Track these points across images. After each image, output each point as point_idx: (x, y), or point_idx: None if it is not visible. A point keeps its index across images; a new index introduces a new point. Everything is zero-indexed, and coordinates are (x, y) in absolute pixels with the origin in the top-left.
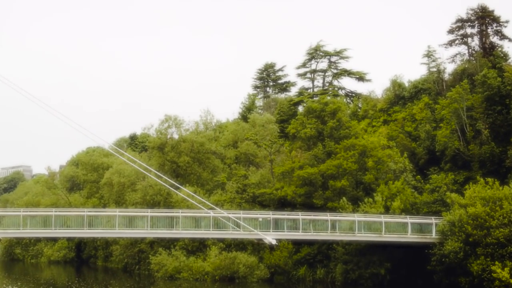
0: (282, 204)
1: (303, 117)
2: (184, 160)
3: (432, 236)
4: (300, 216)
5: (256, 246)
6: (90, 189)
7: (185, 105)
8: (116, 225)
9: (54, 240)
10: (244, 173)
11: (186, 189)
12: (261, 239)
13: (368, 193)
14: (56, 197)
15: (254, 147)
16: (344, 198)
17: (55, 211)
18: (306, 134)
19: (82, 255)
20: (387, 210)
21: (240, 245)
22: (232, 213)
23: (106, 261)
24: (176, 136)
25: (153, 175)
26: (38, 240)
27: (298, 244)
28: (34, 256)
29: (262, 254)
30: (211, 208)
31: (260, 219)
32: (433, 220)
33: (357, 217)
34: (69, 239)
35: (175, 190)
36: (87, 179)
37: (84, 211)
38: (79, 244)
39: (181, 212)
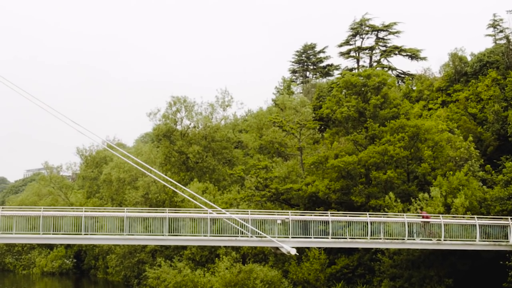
0: (313, 202)
1: (340, 93)
2: (194, 150)
3: (509, 243)
4: (330, 217)
5: (280, 257)
6: (90, 187)
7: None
8: (125, 229)
9: (50, 247)
10: (266, 163)
11: (194, 185)
12: (277, 248)
13: (423, 188)
14: (55, 197)
15: (282, 135)
16: (391, 193)
17: (43, 211)
18: (343, 115)
19: (82, 265)
20: (447, 209)
21: (259, 255)
22: (238, 214)
23: (107, 273)
24: (187, 122)
25: (157, 168)
26: (32, 247)
27: (333, 253)
28: (26, 266)
29: (287, 267)
30: (213, 209)
31: (279, 222)
32: (510, 221)
33: (407, 218)
34: (67, 247)
35: (175, 189)
36: (87, 176)
37: (82, 212)
38: (79, 253)
39: (168, 212)
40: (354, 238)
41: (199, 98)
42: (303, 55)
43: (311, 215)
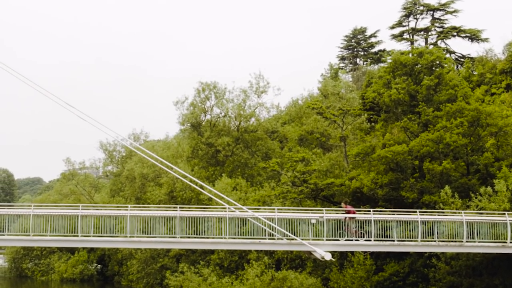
0: (358, 199)
1: (388, 74)
2: (224, 142)
3: None
4: (372, 215)
5: (320, 263)
6: (113, 185)
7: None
8: (178, 231)
9: (71, 252)
10: (304, 155)
11: (223, 181)
12: (310, 252)
13: (485, 181)
14: (78, 196)
15: (325, 124)
16: (447, 188)
17: (81, 210)
18: (391, 98)
19: (105, 271)
20: None
21: (296, 260)
22: (262, 212)
23: (131, 280)
24: (217, 111)
25: (183, 163)
26: (52, 251)
27: (380, 258)
28: (44, 272)
29: (327, 274)
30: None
31: (313, 221)
32: None
33: (465, 217)
34: (90, 251)
35: (195, 185)
36: (111, 172)
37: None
38: (102, 257)
39: (179, 210)
40: (403, 241)
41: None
42: (353, 40)
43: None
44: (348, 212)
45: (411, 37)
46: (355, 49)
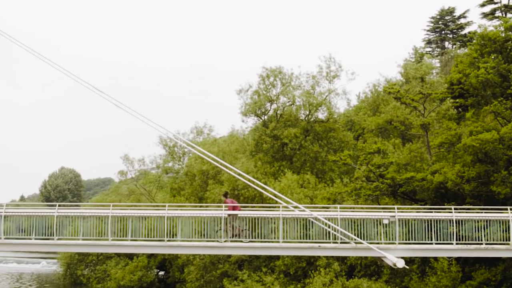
0: (442, 196)
1: (475, 52)
2: (291, 134)
3: None
4: (454, 214)
5: (399, 269)
6: (174, 183)
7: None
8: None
9: (129, 257)
10: (379, 146)
11: (288, 177)
12: (380, 258)
13: None
14: (137, 196)
15: (405, 112)
16: None
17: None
18: (479, 79)
19: (166, 278)
20: None
21: (371, 266)
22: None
23: None
24: (283, 99)
25: (246, 158)
26: (108, 256)
27: (469, 264)
28: (100, 279)
29: (407, 282)
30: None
31: (385, 222)
32: None
33: None
34: (150, 256)
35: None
36: (170, 169)
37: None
38: (163, 262)
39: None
40: (493, 244)
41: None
42: (440, 22)
43: (428, 212)
44: (233, 208)
45: (503, 15)
46: (443, 32)
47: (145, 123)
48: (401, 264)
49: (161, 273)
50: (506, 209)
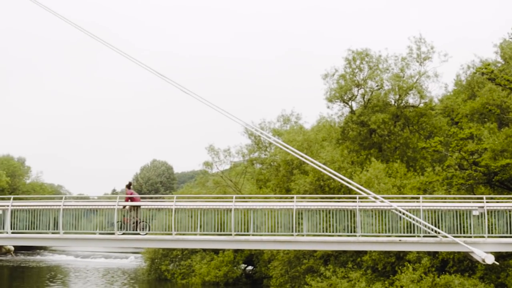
0: None
1: None
2: (379, 120)
3: None
4: None
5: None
6: (259, 174)
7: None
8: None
9: (215, 252)
10: (472, 131)
11: (374, 166)
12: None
13: None
14: (223, 188)
15: (503, 95)
16: None
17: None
18: None
19: (253, 273)
20: None
21: (464, 261)
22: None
23: (278, 285)
24: (371, 83)
25: (332, 146)
26: (193, 251)
27: None
28: (185, 274)
29: (503, 279)
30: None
31: (475, 213)
32: None
33: None
34: (236, 251)
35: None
36: (256, 160)
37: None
38: (250, 257)
39: (295, 201)
40: None
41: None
42: None
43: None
44: (132, 199)
45: None
46: None
47: (227, 117)
48: (490, 260)
49: (249, 268)
50: None
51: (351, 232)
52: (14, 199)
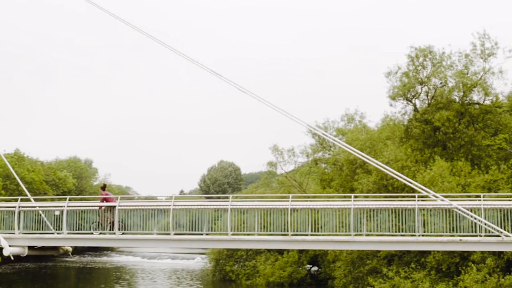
0: None
1: None
2: (443, 117)
3: None
4: None
5: None
6: (323, 174)
7: None
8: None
9: (279, 252)
10: None
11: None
12: None
13: None
14: (287, 188)
15: None
16: None
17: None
18: None
19: (318, 274)
20: None
21: None
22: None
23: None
24: (434, 81)
25: (396, 145)
26: (257, 252)
27: None
28: (250, 275)
29: None
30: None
31: None
32: None
33: None
34: (300, 251)
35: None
36: (319, 159)
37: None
38: (315, 258)
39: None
40: None
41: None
42: None
43: None
44: (107, 200)
45: None
46: None
47: (290, 118)
48: None
49: (314, 268)
50: None
51: (413, 231)
52: (70, 199)
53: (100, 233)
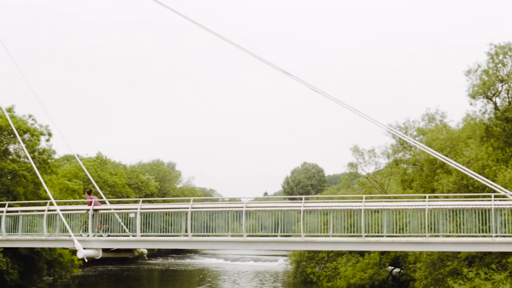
0: None
1: None
2: None
3: None
4: None
5: None
6: (404, 174)
7: None
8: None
9: (360, 254)
10: None
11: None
12: None
13: None
14: (369, 189)
15: None
16: None
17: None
18: None
19: (399, 276)
20: None
21: None
22: None
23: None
24: None
25: (476, 144)
26: (338, 254)
27: None
28: (331, 277)
29: None
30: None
31: None
32: None
33: None
34: (382, 253)
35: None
36: (400, 160)
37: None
38: (396, 259)
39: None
40: None
41: None
42: None
43: None
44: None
45: None
46: None
47: (370, 121)
48: None
49: (396, 270)
50: None
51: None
52: (143, 202)
53: (88, 235)
